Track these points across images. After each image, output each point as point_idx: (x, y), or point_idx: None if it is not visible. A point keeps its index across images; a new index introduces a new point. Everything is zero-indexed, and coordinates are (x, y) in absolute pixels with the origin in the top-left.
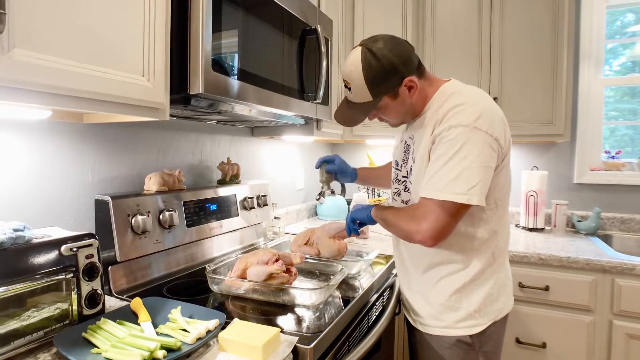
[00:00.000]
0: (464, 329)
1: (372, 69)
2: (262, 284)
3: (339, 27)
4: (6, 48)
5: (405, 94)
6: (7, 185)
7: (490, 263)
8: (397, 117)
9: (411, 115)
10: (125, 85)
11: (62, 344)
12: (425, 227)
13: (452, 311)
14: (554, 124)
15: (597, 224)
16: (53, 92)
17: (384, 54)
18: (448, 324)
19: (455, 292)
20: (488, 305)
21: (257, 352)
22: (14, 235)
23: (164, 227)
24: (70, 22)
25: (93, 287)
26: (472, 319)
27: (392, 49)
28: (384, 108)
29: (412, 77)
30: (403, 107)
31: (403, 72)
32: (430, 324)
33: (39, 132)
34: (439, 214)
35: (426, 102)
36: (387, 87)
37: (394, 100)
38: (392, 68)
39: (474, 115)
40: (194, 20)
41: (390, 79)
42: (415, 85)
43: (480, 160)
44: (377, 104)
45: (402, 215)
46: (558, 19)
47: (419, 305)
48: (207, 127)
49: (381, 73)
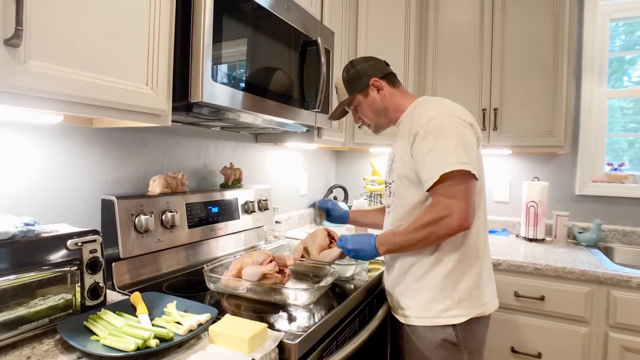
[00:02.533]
0: (450, 318)
1: (348, 73)
2: (256, 283)
3: (342, 38)
4: (23, 60)
5: (375, 94)
6: (21, 184)
7: (473, 252)
8: (372, 117)
9: (385, 118)
10: (130, 93)
11: (65, 331)
12: (456, 210)
13: (439, 301)
14: (554, 135)
15: (598, 236)
16: (64, 100)
17: (359, 63)
18: (434, 314)
19: (440, 282)
20: (475, 297)
21: (243, 344)
22: (24, 229)
23: (166, 227)
24: (80, 35)
25: (95, 280)
26: (456, 308)
27: (366, 61)
28: (358, 106)
29: (378, 78)
30: (374, 105)
31: (370, 75)
32: (418, 315)
33: (51, 135)
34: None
35: (400, 110)
36: (358, 85)
37: (365, 98)
38: (363, 72)
39: (444, 108)
40: (196, 32)
41: (360, 79)
42: (382, 86)
43: (461, 138)
44: (352, 100)
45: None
46: (559, 30)
47: (406, 300)
48: (211, 133)
49: (354, 75)
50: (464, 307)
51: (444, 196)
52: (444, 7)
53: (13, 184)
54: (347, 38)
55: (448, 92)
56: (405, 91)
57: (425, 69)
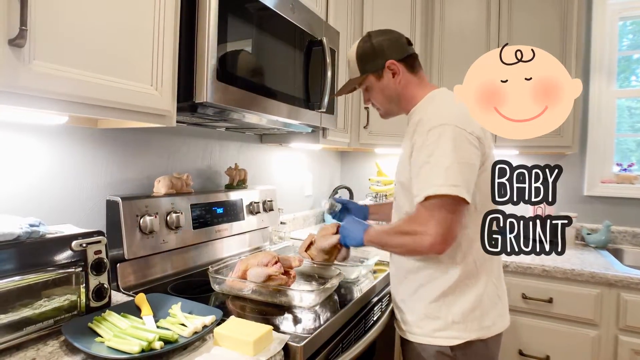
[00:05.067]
0: (442, 339)
1: (363, 48)
2: (261, 285)
3: (347, 38)
4: (27, 60)
5: (389, 78)
6: (26, 184)
7: (472, 273)
8: (383, 102)
9: (397, 105)
10: (134, 93)
11: (70, 333)
12: (432, 231)
13: (431, 319)
14: (562, 135)
15: (607, 238)
16: (69, 100)
17: (377, 38)
18: (426, 332)
19: (434, 301)
20: (472, 320)
21: (248, 347)
22: (29, 230)
23: (171, 228)
24: (84, 35)
25: (100, 281)
26: (450, 329)
27: (385, 35)
28: (370, 87)
29: (396, 61)
30: (387, 90)
31: (387, 56)
32: (412, 331)
33: (57, 135)
34: (434, 214)
35: (413, 101)
36: (373, 65)
37: (379, 81)
38: (380, 50)
39: (450, 115)
40: (201, 32)
41: (376, 59)
42: (398, 71)
43: (459, 156)
44: (364, 80)
45: (397, 231)
46: (566, 29)
47: (402, 312)
48: (216, 134)
49: (369, 52)
50: (458, 330)
51: (425, 214)
52: (449, 7)
53: (18, 184)
54: (352, 38)
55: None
56: (423, 78)
57: (431, 68)
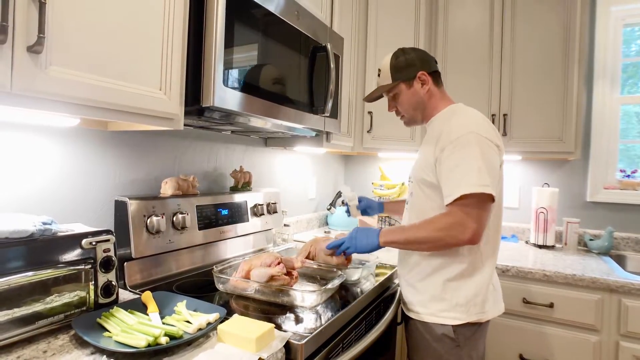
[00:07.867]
0: (446, 319)
1: (397, 59)
2: (264, 284)
3: (351, 44)
4: (44, 65)
5: (418, 87)
6: (39, 184)
7: (478, 265)
8: (409, 109)
9: (421, 112)
10: (144, 97)
11: (80, 327)
12: (471, 225)
13: (437, 301)
14: (564, 141)
15: (610, 244)
16: (82, 104)
17: (410, 52)
18: (432, 312)
19: (442, 285)
20: (474, 304)
21: (251, 343)
22: (42, 228)
23: (177, 228)
24: (97, 42)
25: (108, 278)
26: (454, 311)
27: (417, 52)
28: (398, 94)
29: (426, 73)
30: (414, 98)
31: (419, 67)
32: (419, 311)
33: (68, 138)
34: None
35: (434, 112)
36: (405, 74)
37: (408, 89)
38: (412, 62)
39: (475, 125)
40: (208, 38)
41: (408, 69)
42: (427, 81)
43: (486, 159)
44: (394, 87)
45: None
46: (569, 35)
47: (411, 295)
48: (222, 137)
49: (402, 63)
50: (460, 312)
51: (461, 211)
52: (453, 13)
53: (32, 184)
54: (356, 43)
55: (457, 98)
56: (445, 93)
57: None
